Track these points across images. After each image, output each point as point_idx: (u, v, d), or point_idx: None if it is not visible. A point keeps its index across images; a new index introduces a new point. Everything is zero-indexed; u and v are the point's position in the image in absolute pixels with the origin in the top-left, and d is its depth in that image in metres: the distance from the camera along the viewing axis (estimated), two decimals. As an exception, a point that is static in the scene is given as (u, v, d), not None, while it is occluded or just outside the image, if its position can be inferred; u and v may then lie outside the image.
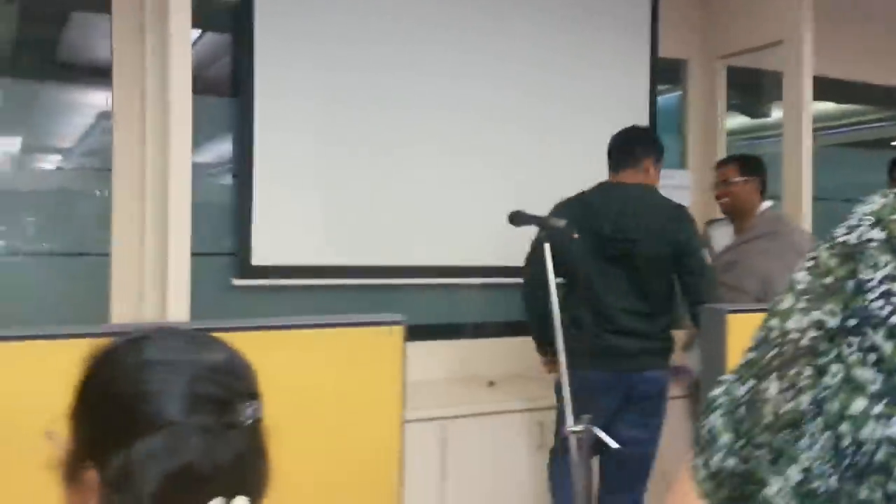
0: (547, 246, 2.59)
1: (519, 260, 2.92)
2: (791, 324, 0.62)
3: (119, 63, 2.94)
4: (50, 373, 1.12)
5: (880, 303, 0.60)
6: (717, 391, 0.61)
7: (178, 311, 2.52)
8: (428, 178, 3.42)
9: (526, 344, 2.99)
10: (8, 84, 3.06)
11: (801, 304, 0.62)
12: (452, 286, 3.49)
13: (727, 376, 0.60)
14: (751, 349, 0.62)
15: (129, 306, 2.83)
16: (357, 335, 1.52)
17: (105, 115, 3.08)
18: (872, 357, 0.60)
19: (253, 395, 0.89)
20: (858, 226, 0.61)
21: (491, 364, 3.45)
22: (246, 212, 3.12)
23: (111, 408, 0.86)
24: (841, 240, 0.61)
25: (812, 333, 0.61)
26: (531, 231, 2.69)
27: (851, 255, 0.60)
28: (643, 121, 3.77)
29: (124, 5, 2.94)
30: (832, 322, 0.62)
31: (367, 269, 3.32)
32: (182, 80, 2.60)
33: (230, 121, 3.22)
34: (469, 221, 3.46)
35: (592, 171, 2.84)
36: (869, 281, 0.59)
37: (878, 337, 0.59)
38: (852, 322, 0.60)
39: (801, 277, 0.61)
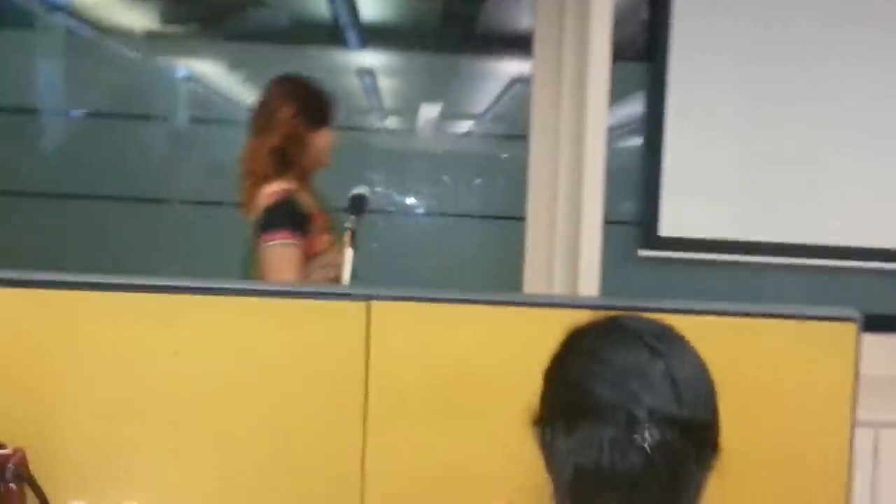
0: None
1: None
2: None
3: (541, 33, 3.00)
4: (516, 338, 1.30)
5: None
6: None
7: (589, 282, 2.52)
8: (855, 153, 3.00)
9: None
10: (432, 58, 3.30)
11: None
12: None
13: None
14: None
15: (540, 273, 2.90)
16: (808, 329, 1.40)
17: (515, 83, 3.18)
18: None
19: (665, 419, 0.84)
20: None
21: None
22: (654, 180, 3.02)
23: (555, 387, 0.92)
24: None
25: None
26: None
27: None
28: None
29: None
30: None
31: (782, 246, 3.03)
32: (601, 48, 2.57)
33: (642, 84, 3.12)
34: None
35: None
36: None
37: None
38: None
39: None
